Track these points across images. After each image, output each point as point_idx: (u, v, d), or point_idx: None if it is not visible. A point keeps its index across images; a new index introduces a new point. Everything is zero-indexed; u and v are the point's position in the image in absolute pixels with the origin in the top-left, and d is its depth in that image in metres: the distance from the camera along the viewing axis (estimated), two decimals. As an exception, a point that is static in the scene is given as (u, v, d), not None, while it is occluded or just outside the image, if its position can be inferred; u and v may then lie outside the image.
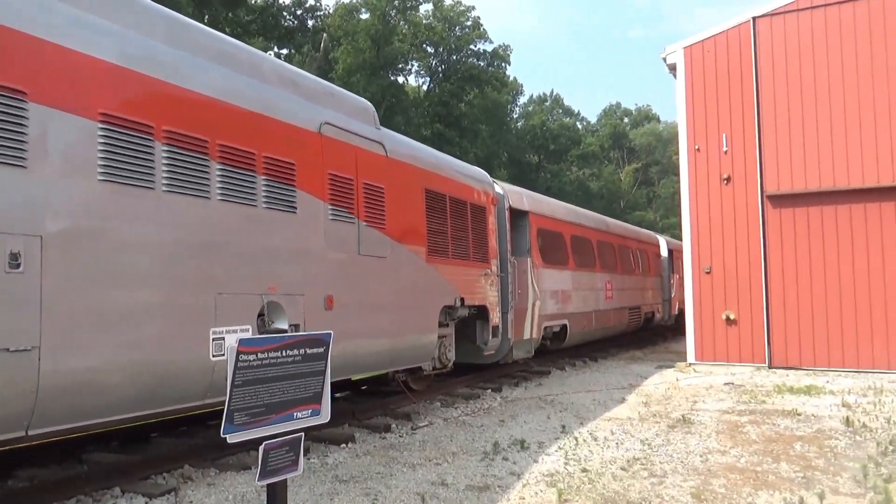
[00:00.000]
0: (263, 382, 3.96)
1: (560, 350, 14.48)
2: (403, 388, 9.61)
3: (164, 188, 5.23)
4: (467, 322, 10.51)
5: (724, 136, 14.50)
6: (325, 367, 4.46)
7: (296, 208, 6.53)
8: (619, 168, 77.72)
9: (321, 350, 4.42)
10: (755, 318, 14.11)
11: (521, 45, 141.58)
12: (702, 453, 7.08)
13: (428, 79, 58.44)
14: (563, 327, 13.53)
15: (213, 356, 5.36)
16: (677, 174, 16.25)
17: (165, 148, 5.25)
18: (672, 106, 15.63)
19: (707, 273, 14.59)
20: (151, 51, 5.33)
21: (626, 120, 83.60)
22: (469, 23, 50.42)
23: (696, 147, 14.75)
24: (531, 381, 12.44)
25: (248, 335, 4.18)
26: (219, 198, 5.69)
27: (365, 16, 43.90)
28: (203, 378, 5.44)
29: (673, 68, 15.19)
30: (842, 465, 6.56)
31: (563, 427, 8.29)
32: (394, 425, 8.45)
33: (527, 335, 11.87)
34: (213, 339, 5.16)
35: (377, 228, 7.73)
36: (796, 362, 13.68)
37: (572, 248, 14.22)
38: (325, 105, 7.27)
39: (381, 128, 8.31)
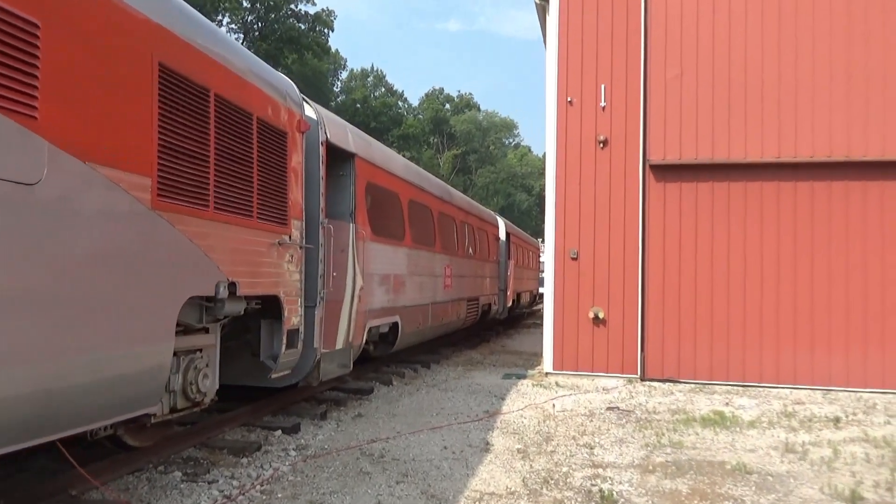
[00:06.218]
0: None
1: (384, 356, 10.64)
2: (113, 444, 5.17)
3: None
4: (243, 322, 6.28)
5: (602, 87, 11.48)
6: None
7: None
8: (438, 153, 76.76)
9: None
10: (628, 317, 11.29)
11: (341, 22, 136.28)
12: None
13: (242, 35, 52.29)
14: (394, 326, 9.66)
15: None
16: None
17: None
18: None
19: (573, 259, 11.52)
20: None
21: (447, 106, 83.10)
22: (292, -21, 45.14)
23: (569, 99, 11.57)
24: (346, 408, 8.40)
25: None
26: None
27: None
28: None
29: (545, -3, 11.91)
30: None
31: (413, 535, 4.40)
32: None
33: (342, 342, 7.81)
34: None
35: (15, 110, 3.26)
36: (673, 374, 11.04)
37: (409, 216, 10.34)
38: None
39: None
